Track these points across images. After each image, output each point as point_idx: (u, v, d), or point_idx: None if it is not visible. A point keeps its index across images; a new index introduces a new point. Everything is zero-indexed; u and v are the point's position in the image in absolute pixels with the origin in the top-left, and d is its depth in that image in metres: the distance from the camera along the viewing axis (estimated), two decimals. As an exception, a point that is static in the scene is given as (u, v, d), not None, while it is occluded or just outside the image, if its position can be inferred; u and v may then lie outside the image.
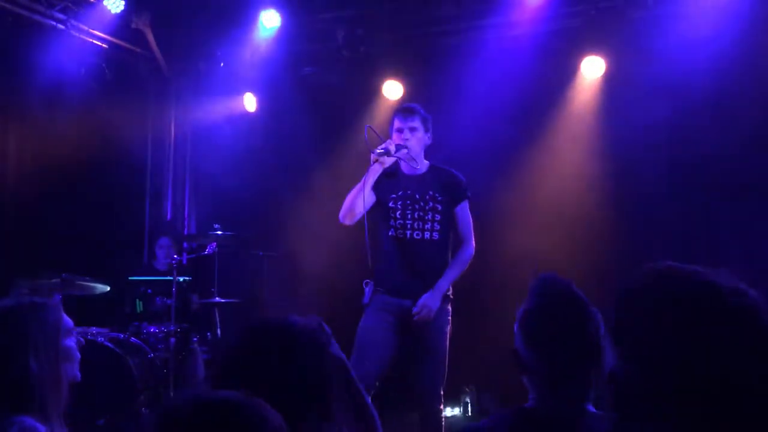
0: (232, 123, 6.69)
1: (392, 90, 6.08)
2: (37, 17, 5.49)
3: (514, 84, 5.69)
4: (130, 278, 5.68)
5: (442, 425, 3.57)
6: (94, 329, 4.95)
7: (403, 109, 3.78)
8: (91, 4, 5.71)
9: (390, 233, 3.67)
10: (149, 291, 5.59)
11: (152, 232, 6.80)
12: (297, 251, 6.39)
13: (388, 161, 3.59)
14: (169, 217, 7.12)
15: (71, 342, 1.93)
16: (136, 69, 6.56)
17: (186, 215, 7.19)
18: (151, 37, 6.25)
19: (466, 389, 5.68)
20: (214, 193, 6.80)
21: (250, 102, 6.55)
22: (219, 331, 5.60)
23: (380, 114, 6.21)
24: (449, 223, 3.68)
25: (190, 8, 6.17)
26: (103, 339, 4.85)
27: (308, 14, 6.06)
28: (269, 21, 6.03)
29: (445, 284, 3.58)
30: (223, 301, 5.39)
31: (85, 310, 5.05)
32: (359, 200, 3.58)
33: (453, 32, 5.98)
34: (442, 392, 3.57)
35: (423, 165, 3.75)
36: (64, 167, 5.70)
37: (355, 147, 6.25)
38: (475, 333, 5.53)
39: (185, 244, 6.37)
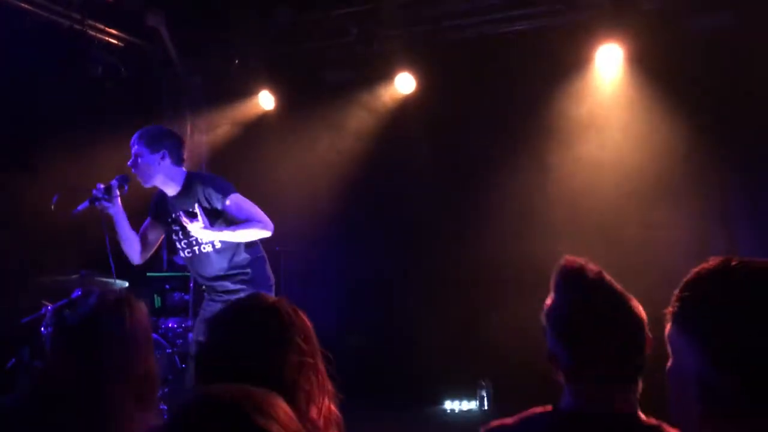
0: (246, 120, 6.73)
1: (405, 83, 6.10)
2: (55, 17, 5.53)
3: (527, 76, 5.69)
4: (148, 274, 5.75)
5: None
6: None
7: (134, 137, 3.76)
8: (107, 3, 5.75)
9: (182, 255, 3.85)
10: (167, 286, 5.66)
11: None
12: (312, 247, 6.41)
13: (108, 204, 3.65)
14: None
15: None
16: (150, 67, 6.60)
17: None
18: (165, 35, 6.29)
19: (482, 383, 5.67)
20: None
21: (265, 99, 6.56)
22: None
23: (394, 107, 6.24)
24: (226, 225, 3.66)
25: (204, 6, 6.20)
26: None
27: (321, 10, 6.07)
28: (283, 18, 6.04)
29: (226, 231, 3.58)
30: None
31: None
32: (128, 249, 3.79)
33: (466, 26, 5.97)
34: None
35: (178, 182, 3.73)
36: (82, 164, 5.74)
37: (367, 144, 6.28)
38: (489, 327, 5.55)
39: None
